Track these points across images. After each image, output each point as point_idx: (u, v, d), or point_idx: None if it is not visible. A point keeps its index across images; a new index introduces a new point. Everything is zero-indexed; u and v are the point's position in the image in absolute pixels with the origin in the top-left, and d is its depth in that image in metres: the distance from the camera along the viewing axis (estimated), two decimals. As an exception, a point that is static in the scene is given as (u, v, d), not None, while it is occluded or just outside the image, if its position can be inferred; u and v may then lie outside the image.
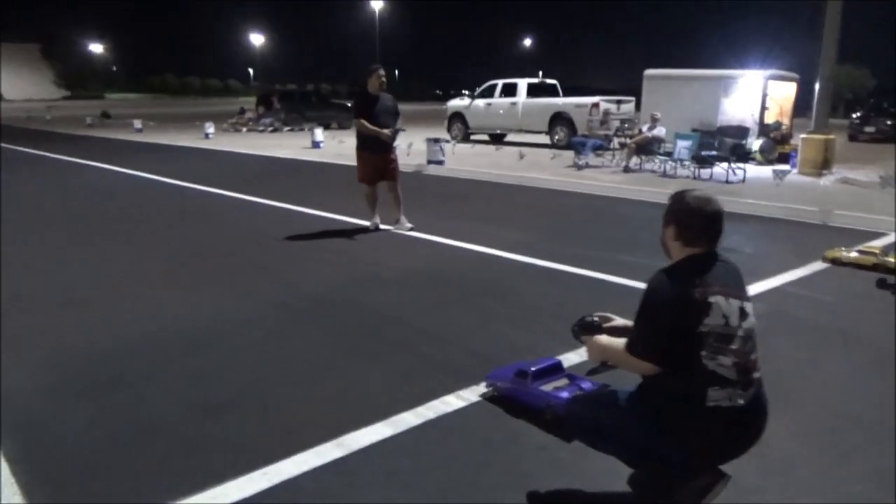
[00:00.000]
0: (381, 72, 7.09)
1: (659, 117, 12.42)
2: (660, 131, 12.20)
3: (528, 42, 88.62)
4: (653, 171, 11.63)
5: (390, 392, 3.39)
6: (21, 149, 20.20)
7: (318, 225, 7.74)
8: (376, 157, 7.17)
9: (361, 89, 7.30)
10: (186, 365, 3.78)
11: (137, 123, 28.71)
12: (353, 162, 7.62)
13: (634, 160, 12.24)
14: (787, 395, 3.25)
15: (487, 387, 3.38)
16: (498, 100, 18.85)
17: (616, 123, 15.27)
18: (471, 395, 3.35)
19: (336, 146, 17.38)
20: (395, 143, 7.34)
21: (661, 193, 9.35)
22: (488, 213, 8.73)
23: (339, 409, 3.21)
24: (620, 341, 2.25)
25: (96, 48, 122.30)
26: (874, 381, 3.61)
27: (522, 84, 18.60)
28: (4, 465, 2.71)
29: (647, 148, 12.18)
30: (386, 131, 7.05)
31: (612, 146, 13.71)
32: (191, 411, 3.21)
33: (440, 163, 12.95)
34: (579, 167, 12.39)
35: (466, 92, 21.59)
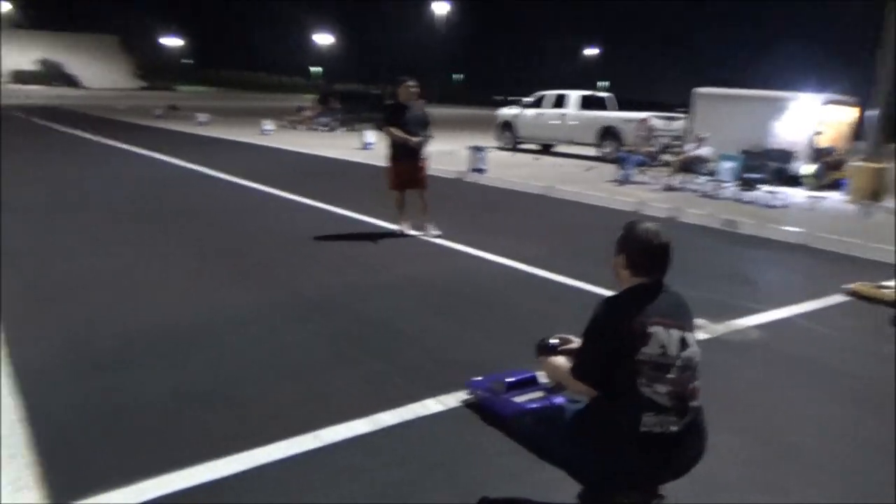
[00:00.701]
0: (411, 82, 7.37)
1: (705, 137, 12.26)
2: (705, 151, 12.05)
3: (593, 52, 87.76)
4: (694, 191, 11.49)
5: (374, 393, 3.58)
6: (86, 136, 21.34)
7: (348, 227, 8.02)
8: (405, 164, 7.40)
9: (393, 98, 7.55)
10: (184, 355, 4.06)
11: (201, 116, 29.78)
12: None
13: (678, 178, 12.12)
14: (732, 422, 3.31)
15: (469, 394, 3.53)
16: (548, 110, 18.88)
17: (665, 140, 15.11)
18: (451, 400, 3.50)
19: (385, 149, 17.71)
20: (424, 151, 7.55)
21: (699, 215, 9.30)
22: (517, 225, 8.85)
23: (322, 406, 3.42)
24: (568, 364, 2.38)
25: (172, 41, 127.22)
26: (836, 412, 3.62)
27: (573, 96, 18.59)
28: (18, 427, 3.03)
29: (690, 167, 12.05)
30: (414, 139, 7.28)
31: (656, 163, 13.59)
32: (178, 398, 3.47)
33: (481, 171, 13.10)
34: (620, 182, 12.34)
35: (513, 99, 21.63)
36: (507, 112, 20.67)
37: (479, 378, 3.53)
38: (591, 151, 17.83)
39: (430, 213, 7.63)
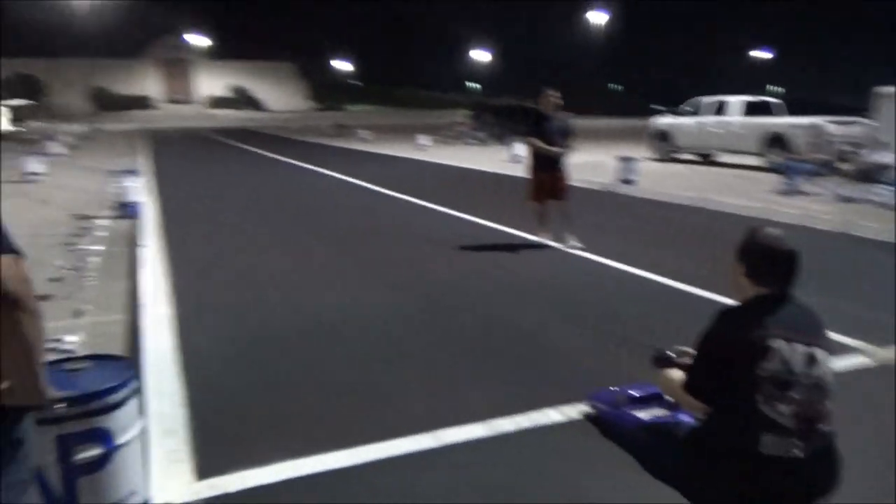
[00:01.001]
0: (553, 93, 7.36)
1: (888, 142, 10.99)
2: (886, 157, 10.79)
3: (763, 55, 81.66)
4: (872, 202, 10.32)
5: (496, 398, 3.62)
6: (263, 152, 23.46)
7: (488, 236, 8.15)
8: (545, 175, 7.39)
9: (535, 109, 7.60)
10: (324, 345, 4.38)
11: (363, 133, 31.69)
12: None
13: (853, 188, 10.96)
14: None
15: (590, 406, 3.46)
16: (707, 118, 17.87)
17: (840, 147, 13.72)
18: (572, 411, 3.45)
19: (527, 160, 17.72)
20: (565, 162, 7.48)
21: (877, 229, 8.36)
22: (662, 238, 8.46)
23: (447, 407, 3.52)
24: (683, 378, 2.27)
25: (343, 65, 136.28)
26: None
27: (736, 102, 17.44)
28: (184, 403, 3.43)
29: (870, 175, 10.85)
30: (555, 150, 7.25)
31: (829, 172, 12.38)
32: (320, 388, 3.74)
33: (630, 182, 12.70)
34: (785, 193, 11.39)
35: (669, 108, 20.64)
36: (662, 121, 19.86)
37: (602, 390, 3.45)
38: (756, 161, 16.61)
39: (572, 225, 7.55)
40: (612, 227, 8.99)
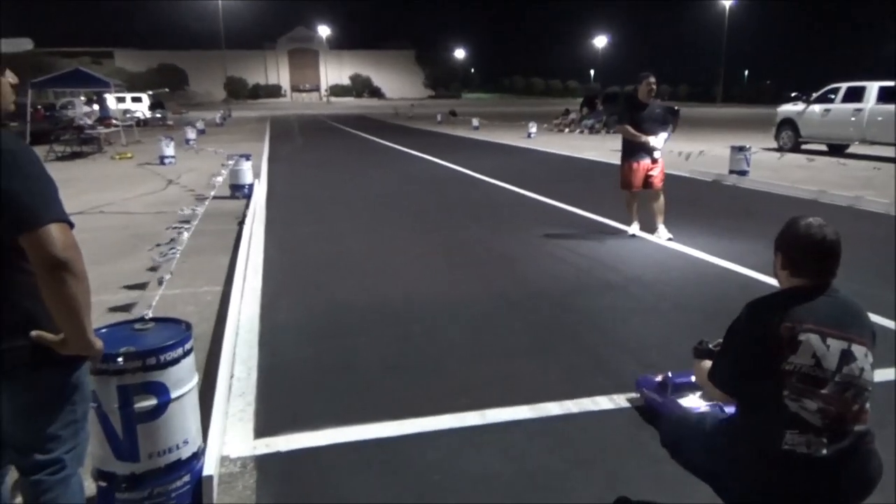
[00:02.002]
0: (651, 80, 7.08)
1: None
2: None
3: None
4: None
5: (551, 383, 3.63)
6: (373, 139, 24.21)
7: (581, 225, 8.04)
8: (640, 164, 7.17)
9: (630, 96, 7.36)
10: (398, 324, 4.54)
11: (475, 122, 31.89)
12: None
13: None
14: None
15: (638, 393, 3.40)
16: (838, 105, 16.49)
17: None
18: (623, 400, 3.41)
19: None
20: (660, 151, 7.22)
21: None
22: (767, 232, 7.92)
23: (498, 388, 3.58)
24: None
25: (459, 53, 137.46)
26: None
27: (874, 88, 15.96)
28: (255, 374, 3.72)
29: None
30: (650, 138, 7.02)
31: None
32: (386, 363, 3.91)
33: (743, 173, 12.00)
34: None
35: (796, 95, 19.18)
36: (788, 109, 18.54)
37: (649, 376, 3.38)
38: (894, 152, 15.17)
39: (666, 216, 7.29)
40: (714, 219, 8.57)
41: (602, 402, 3.39)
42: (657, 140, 7.11)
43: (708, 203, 9.79)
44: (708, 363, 2.31)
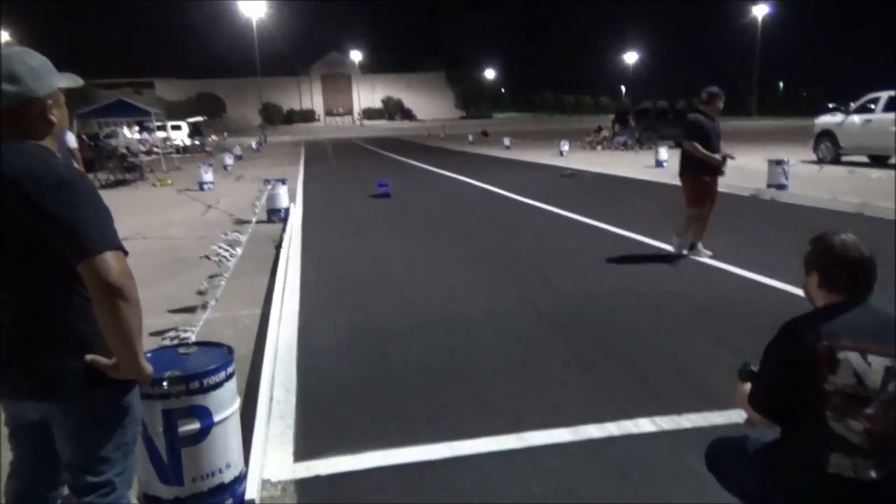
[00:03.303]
0: (722, 96, 6.93)
1: None
2: None
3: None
4: None
5: (591, 403, 3.58)
6: (404, 160, 24.42)
7: (619, 243, 7.95)
8: (707, 180, 6.95)
9: (697, 111, 7.01)
10: (435, 344, 4.55)
11: (507, 141, 31.96)
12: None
13: None
14: None
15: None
16: (879, 115, 16.09)
17: None
18: (666, 422, 3.34)
19: (681, 164, 16.95)
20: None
21: None
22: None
23: (535, 406, 3.54)
24: None
25: (489, 73, 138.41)
26: None
27: (916, 97, 15.54)
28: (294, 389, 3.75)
29: None
30: (717, 156, 6.84)
31: None
32: (425, 379, 3.91)
33: (782, 187, 11.77)
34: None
35: (834, 106, 18.74)
36: (827, 120, 18.15)
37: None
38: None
39: (707, 233, 7.15)
40: (754, 234, 8.41)
41: (644, 425, 3.33)
42: (727, 157, 6.93)
43: (747, 218, 9.61)
44: (747, 385, 2.25)
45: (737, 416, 3.23)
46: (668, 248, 7.36)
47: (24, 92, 1.73)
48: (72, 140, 9.66)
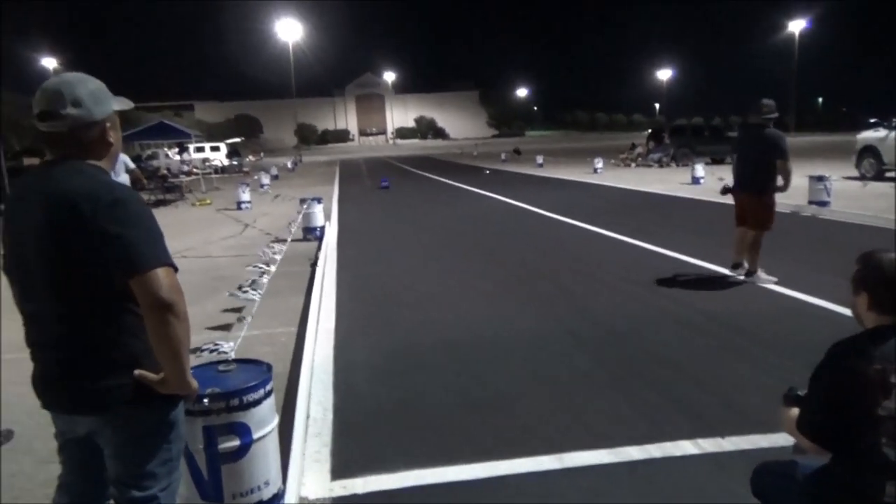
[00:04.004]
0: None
1: None
2: None
3: None
4: None
5: (629, 424, 3.51)
6: (438, 178, 24.53)
7: (656, 262, 7.85)
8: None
9: (767, 125, 6.59)
10: (469, 364, 4.51)
11: (539, 158, 31.92)
12: (727, 201, 7.28)
13: None
14: None
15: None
16: (926, 130, 15.66)
17: None
18: (709, 444, 3.25)
19: (717, 183, 16.71)
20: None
21: None
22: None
23: (573, 428, 3.48)
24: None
25: (521, 91, 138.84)
26: None
27: (965, 110, 15.09)
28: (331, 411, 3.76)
29: None
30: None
31: None
32: (457, 396, 3.88)
33: (824, 204, 11.50)
34: None
35: (875, 121, 18.27)
36: (869, 135, 17.73)
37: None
38: None
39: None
40: (794, 253, 8.22)
41: (686, 447, 3.25)
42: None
43: (788, 236, 9.39)
44: (797, 411, 2.18)
45: (782, 439, 3.15)
46: (704, 264, 7.23)
47: (85, 115, 1.80)
48: (129, 161, 9.96)
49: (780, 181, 6.57)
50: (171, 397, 1.87)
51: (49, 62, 60.95)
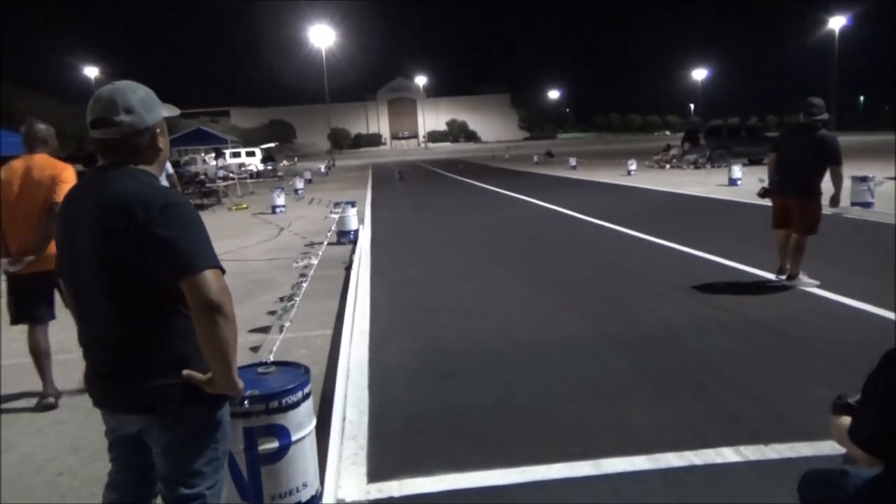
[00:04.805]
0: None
1: None
2: None
3: None
4: None
5: (669, 431, 3.45)
6: (469, 181, 24.52)
7: (693, 265, 7.72)
8: None
9: (818, 126, 6.36)
10: (506, 368, 4.48)
11: (572, 161, 31.72)
12: (766, 203, 7.13)
13: None
14: None
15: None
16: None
17: None
18: (752, 452, 3.18)
19: (754, 185, 16.37)
20: None
21: None
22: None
23: (610, 434, 3.44)
24: None
25: (553, 93, 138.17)
26: None
27: None
28: (366, 417, 3.78)
29: None
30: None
31: None
32: (496, 407, 3.86)
33: (867, 205, 11.19)
34: None
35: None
36: (915, 134, 17.19)
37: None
38: None
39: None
40: (838, 256, 8.00)
41: (727, 454, 3.18)
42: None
43: (831, 238, 9.15)
44: (848, 420, 2.12)
45: (827, 447, 3.07)
46: (744, 268, 7.09)
47: (137, 122, 1.85)
48: (169, 167, 10.21)
49: (831, 190, 6.37)
50: (217, 397, 1.90)
51: (91, 71, 62.73)
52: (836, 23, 65.80)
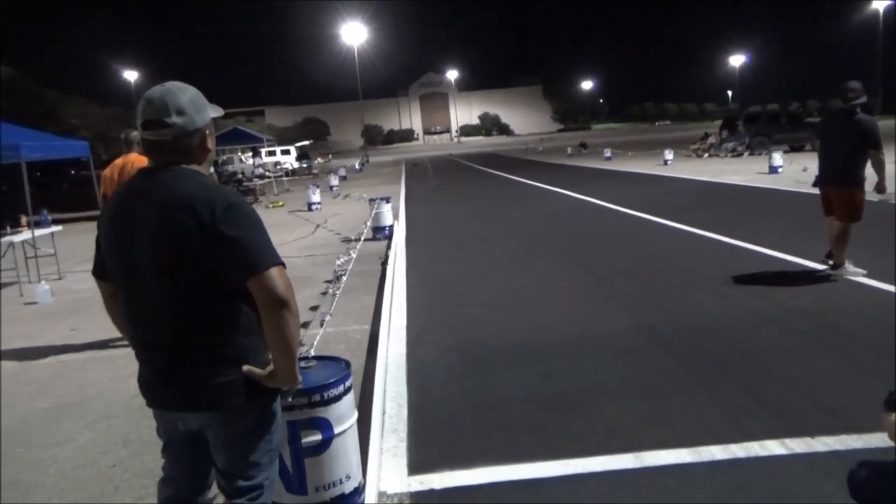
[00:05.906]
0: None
1: None
2: None
3: None
4: None
5: (711, 424, 3.41)
6: (503, 174, 24.42)
7: (734, 256, 7.58)
8: None
9: (856, 111, 6.13)
10: (545, 361, 4.48)
11: (607, 152, 31.36)
12: (810, 191, 6.92)
13: None
14: None
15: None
16: None
17: None
18: (798, 445, 3.12)
19: (796, 173, 15.98)
20: None
21: None
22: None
23: (652, 427, 3.41)
24: None
25: (586, 85, 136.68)
26: None
27: None
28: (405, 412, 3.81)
29: None
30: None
31: None
32: (534, 400, 3.86)
33: (915, 191, 10.79)
34: None
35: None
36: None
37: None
38: None
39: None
40: (887, 245, 7.75)
41: (772, 447, 3.12)
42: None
43: (878, 227, 8.88)
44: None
45: (876, 440, 3.00)
46: (787, 258, 6.93)
47: (188, 123, 1.86)
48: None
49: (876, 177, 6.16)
50: (273, 391, 1.94)
51: (130, 75, 64.24)
52: (880, 3, 63.61)
